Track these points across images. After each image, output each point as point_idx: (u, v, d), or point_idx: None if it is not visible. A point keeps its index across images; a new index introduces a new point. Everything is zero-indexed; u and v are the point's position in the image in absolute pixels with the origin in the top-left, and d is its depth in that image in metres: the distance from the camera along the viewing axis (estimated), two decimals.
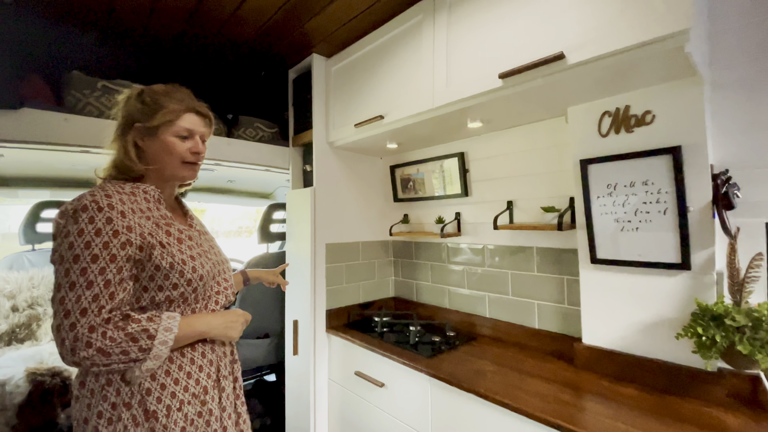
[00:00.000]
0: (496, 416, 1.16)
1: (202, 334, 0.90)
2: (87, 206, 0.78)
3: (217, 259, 1.01)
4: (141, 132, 0.91)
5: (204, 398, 0.91)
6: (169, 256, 0.85)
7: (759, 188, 1.06)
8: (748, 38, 1.07)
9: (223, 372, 0.98)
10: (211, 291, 0.97)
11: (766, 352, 0.92)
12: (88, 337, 0.74)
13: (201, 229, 1.05)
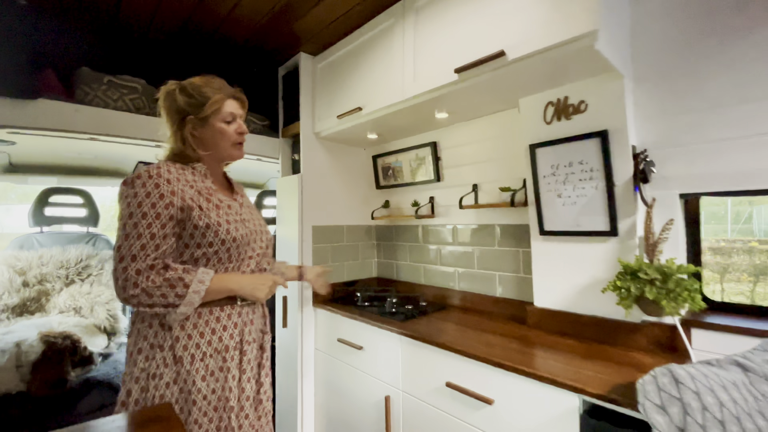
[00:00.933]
0: (454, 362, 1.35)
1: (231, 290, 1.02)
2: (141, 175, 0.96)
3: (254, 228, 1.12)
4: (195, 123, 1.05)
5: (225, 356, 1.01)
6: (205, 218, 0.99)
7: (670, 165, 1.25)
8: (664, 39, 1.26)
9: (247, 337, 1.07)
10: (245, 255, 1.08)
11: (670, 298, 1.11)
12: (135, 279, 0.90)
13: (244, 202, 1.19)
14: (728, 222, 6.09)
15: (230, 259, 1.05)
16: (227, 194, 1.14)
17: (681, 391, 0.85)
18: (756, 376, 0.93)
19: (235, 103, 1.10)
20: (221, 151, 1.10)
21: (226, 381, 1.01)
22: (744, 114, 1.11)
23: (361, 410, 1.72)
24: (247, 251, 1.09)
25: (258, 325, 1.14)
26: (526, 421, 1.13)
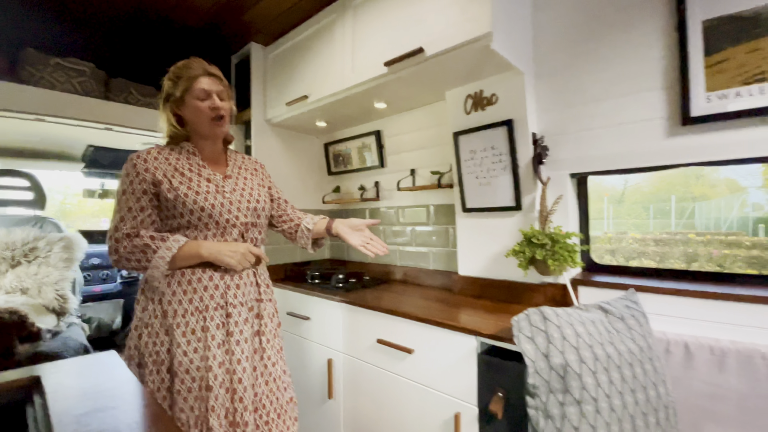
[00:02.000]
0: (383, 322, 1.53)
1: (201, 256, 1.09)
2: (129, 158, 1.12)
3: (235, 199, 1.18)
4: (174, 103, 1.15)
5: (205, 315, 1.10)
6: (174, 191, 1.09)
7: (562, 149, 1.49)
8: (557, 42, 1.50)
9: (232, 300, 1.14)
10: (225, 224, 1.15)
11: (554, 259, 1.35)
12: (115, 246, 1.07)
13: (237, 175, 1.25)
14: (672, 217, 6.67)
15: (208, 227, 1.13)
16: (217, 167, 1.24)
17: (547, 326, 1.07)
18: (613, 316, 1.18)
19: (208, 80, 1.14)
20: (201, 128, 1.17)
21: (207, 341, 1.08)
22: (612, 106, 1.36)
23: (308, 374, 1.88)
24: (228, 221, 1.16)
25: (248, 291, 1.19)
26: (439, 364, 1.33)
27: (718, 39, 1.16)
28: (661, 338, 1.21)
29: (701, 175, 8.20)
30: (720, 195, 7.33)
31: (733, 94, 1.14)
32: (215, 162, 1.24)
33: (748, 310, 1.14)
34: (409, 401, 1.42)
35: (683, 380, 1.17)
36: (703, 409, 1.14)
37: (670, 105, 1.24)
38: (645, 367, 1.08)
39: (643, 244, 6.13)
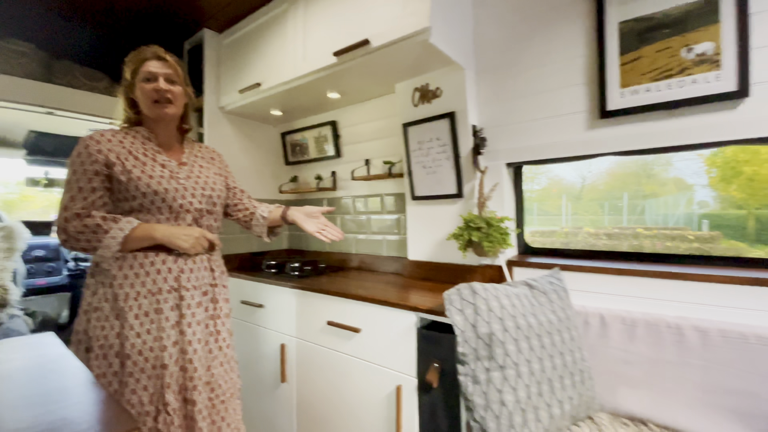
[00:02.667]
0: (333, 304, 1.58)
1: (153, 238, 1.10)
2: (81, 140, 1.11)
3: (190, 185, 1.20)
4: (128, 87, 1.17)
5: (158, 298, 1.11)
6: (126, 173, 1.10)
7: (498, 140, 1.60)
8: (496, 40, 1.60)
9: (185, 284, 1.15)
10: (178, 209, 1.16)
11: (489, 241, 1.45)
12: (64, 225, 1.06)
13: (193, 162, 1.27)
14: (624, 213, 7.15)
15: (161, 212, 1.14)
16: (172, 154, 1.24)
17: (475, 299, 1.16)
18: (537, 291, 1.29)
19: (157, 63, 1.15)
20: (147, 111, 1.17)
21: (161, 322, 1.10)
22: (543, 101, 1.48)
23: (262, 360, 1.90)
24: (182, 206, 1.17)
25: (201, 275, 1.21)
26: (383, 340, 1.40)
27: (631, 39, 1.29)
28: (580, 311, 1.34)
29: (652, 174, 8.83)
30: (669, 193, 7.92)
31: (643, 89, 1.28)
32: (171, 149, 1.26)
33: (657, 285, 1.29)
34: (356, 378, 1.49)
35: (599, 348, 1.30)
36: (616, 373, 1.27)
37: (591, 99, 1.37)
38: (563, 336, 1.19)
39: (596, 238, 6.56)
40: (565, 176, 4.34)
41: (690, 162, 6.25)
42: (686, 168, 6.91)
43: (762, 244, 5.82)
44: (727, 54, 1.15)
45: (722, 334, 1.12)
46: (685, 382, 1.15)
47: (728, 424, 1.08)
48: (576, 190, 8.61)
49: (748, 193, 6.03)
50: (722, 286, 1.18)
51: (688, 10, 1.19)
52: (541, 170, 8.00)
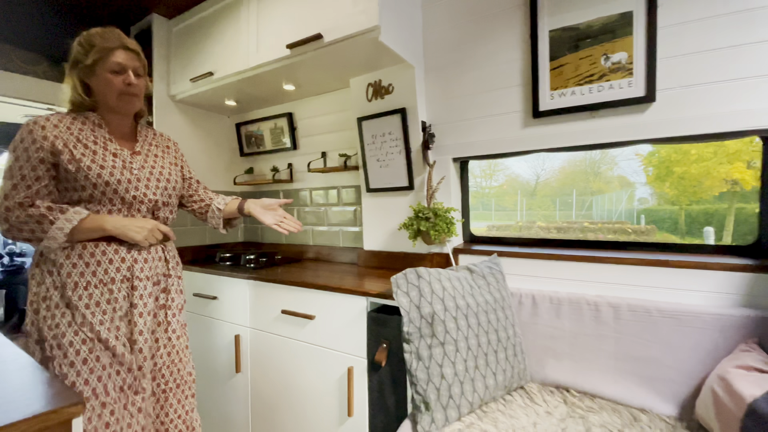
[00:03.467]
0: (288, 293, 1.62)
1: (104, 229, 1.07)
2: (23, 125, 1.06)
3: (143, 176, 1.17)
4: (83, 71, 1.09)
5: (111, 288, 1.08)
6: (75, 162, 1.05)
7: (446, 136, 1.70)
8: (443, 41, 1.69)
9: (138, 274, 1.14)
10: (131, 200, 1.14)
11: (435, 230, 1.55)
12: (5, 215, 1.02)
13: (148, 152, 1.23)
14: (573, 208, 7.51)
15: (113, 203, 1.11)
16: (125, 143, 1.19)
17: (420, 282, 1.25)
18: (477, 275, 1.40)
19: (125, 54, 1.11)
20: (109, 101, 1.12)
21: (114, 312, 1.09)
22: (485, 100, 1.59)
23: (216, 351, 1.89)
24: (136, 197, 1.15)
25: (155, 266, 1.20)
26: (337, 325, 1.46)
27: (560, 46, 1.43)
28: (515, 292, 1.48)
29: (599, 173, 9.42)
30: (613, 190, 8.53)
31: (569, 92, 1.42)
32: (123, 137, 1.21)
33: (581, 268, 1.44)
34: (309, 363, 1.54)
35: (530, 325, 1.44)
36: (545, 347, 1.42)
37: (526, 100, 1.50)
38: (498, 314, 1.32)
39: (547, 231, 6.99)
40: (521, 173, 4.53)
41: (632, 161, 6.67)
42: (628, 167, 7.27)
43: (690, 237, 6.46)
44: (638, 63, 1.31)
45: (630, 308, 1.29)
46: (601, 352, 1.32)
47: (635, 387, 1.25)
48: (531, 187, 8.95)
49: (679, 191, 6.65)
50: (633, 267, 1.35)
51: (606, 23, 1.34)
52: (499, 168, 8.15)
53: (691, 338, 1.19)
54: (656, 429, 1.09)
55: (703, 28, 1.21)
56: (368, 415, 1.39)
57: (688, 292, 1.26)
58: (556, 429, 1.11)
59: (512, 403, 1.26)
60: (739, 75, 1.17)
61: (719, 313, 1.16)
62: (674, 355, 1.20)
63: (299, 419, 1.58)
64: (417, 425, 1.12)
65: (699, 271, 1.24)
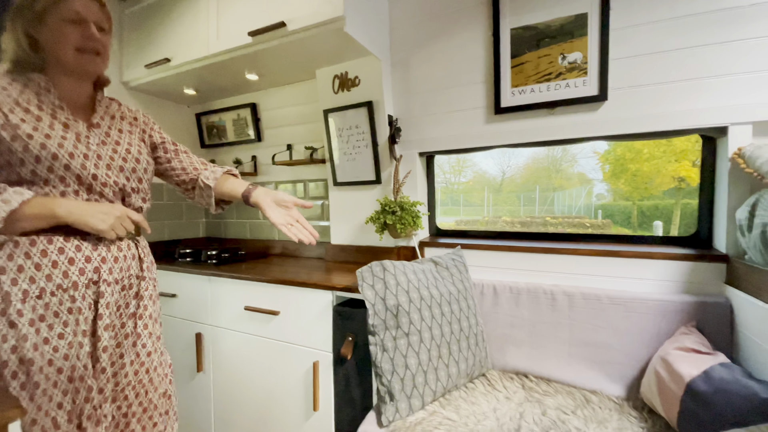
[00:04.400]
0: (251, 289, 1.57)
1: (56, 216, 0.85)
2: None
3: (104, 153, 0.95)
4: (30, 20, 0.87)
5: (73, 294, 0.87)
6: (11, 128, 0.83)
7: (411, 131, 1.71)
8: (409, 36, 1.69)
9: (106, 276, 0.93)
10: (94, 181, 0.92)
11: (401, 223, 1.56)
12: None
13: (107, 126, 0.99)
14: (536, 203, 7.85)
15: (65, 183, 0.88)
16: (79, 113, 0.96)
17: (385, 275, 1.25)
18: (441, 266, 1.42)
19: (85, 1, 0.90)
20: (62, 58, 0.90)
21: (77, 324, 0.87)
22: (449, 95, 1.62)
23: (177, 351, 1.82)
24: (97, 178, 0.93)
25: (126, 266, 0.98)
26: (302, 320, 1.45)
27: (520, 45, 1.47)
28: (477, 283, 1.52)
29: (560, 170, 9.80)
30: (573, 186, 8.92)
31: (529, 90, 1.47)
32: (78, 107, 0.97)
33: (539, 259, 1.50)
34: (274, 360, 1.51)
35: (492, 314, 1.49)
36: (505, 335, 1.47)
37: (488, 96, 1.53)
38: (461, 305, 1.35)
39: (512, 226, 7.27)
40: (488, 170, 4.66)
41: (590, 159, 6.91)
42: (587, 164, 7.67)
43: (642, 230, 6.82)
44: (592, 63, 1.37)
45: (584, 296, 1.36)
46: (556, 338, 1.38)
47: (587, 371, 1.33)
48: (497, 183, 9.30)
49: (632, 187, 7.01)
50: (587, 258, 1.42)
51: (564, 23, 1.39)
52: (467, 164, 8.30)
53: (637, 323, 1.27)
54: (606, 409, 1.16)
55: (651, 32, 1.29)
56: (334, 409, 1.39)
57: (636, 280, 1.35)
58: (515, 413, 1.15)
59: (474, 390, 1.30)
60: (682, 77, 1.26)
61: (662, 299, 1.25)
62: (622, 339, 1.28)
63: (264, 416, 1.55)
64: (381, 416, 1.13)
65: (645, 260, 1.33)
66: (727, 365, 0.94)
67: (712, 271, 1.25)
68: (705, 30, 1.22)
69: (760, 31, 1.15)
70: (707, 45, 1.22)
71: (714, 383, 0.90)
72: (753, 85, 1.17)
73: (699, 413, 0.90)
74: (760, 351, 1.00)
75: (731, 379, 0.87)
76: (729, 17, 1.19)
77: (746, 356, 1.07)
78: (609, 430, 1.06)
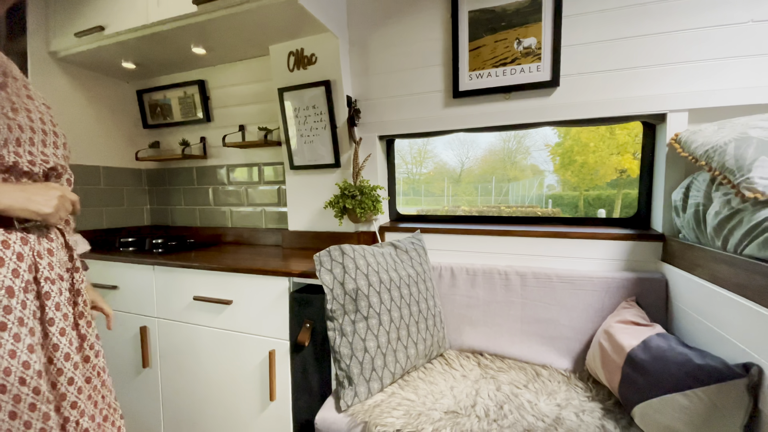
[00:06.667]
0: (200, 278, 1.48)
1: None
2: None
3: (23, 123, 0.76)
4: None
5: (8, 303, 0.71)
6: None
7: (371, 113, 1.68)
8: (367, 14, 1.64)
9: (47, 274, 0.77)
10: (18, 159, 0.73)
11: (361, 208, 1.53)
12: None
13: (14, 90, 0.77)
14: (492, 194, 8.13)
15: None
16: None
17: (344, 259, 1.22)
18: (401, 250, 1.41)
19: None
20: None
21: (19, 341, 0.70)
22: (408, 77, 1.60)
23: (119, 347, 1.69)
24: (20, 155, 0.74)
25: (60, 258, 0.82)
26: (257, 308, 1.38)
27: (478, 28, 1.47)
28: (436, 266, 1.53)
29: (515, 161, 10.17)
30: (527, 177, 9.30)
31: (486, 74, 1.48)
32: None
33: (494, 241, 1.53)
34: (227, 351, 1.44)
35: (449, 296, 1.51)
36: (462, 315, 1.50)
37: (446, 80, 1.53)
38: (419, 287, 1.35)
39: (469, 215, 7.44)
40: (448, 161, 4.77)
41: (542, 152, 7.30)
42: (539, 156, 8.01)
43: None
44: (545, 49, 1.40)
45: (535, 276, 1.41)
46: (509, 317, 1.43)
47: (538, 346, 1.39)
48: (456, 174, 9.51)
49: (579, 178, 7.44)
50: (538, 240, 1.47)
51: (519, 8, 1.41)
52: (428, 155, 8.46)
53: (583, 300, 1.34)
54: (555, 381, 1.22)
55: (600, 20, 1.33)
56: (291, 397, 1.35)
57: (582, 259, 1.42)
58: (471, 390, 1.18)
59: (432, 370, 1.31)
60: (627, 65, 1.32)
61: (606, 277, 1.33)
62: (570, 315, 1.35)
63: (217, 410, 1.48)
64: (340, 400, 1.11)
65: (591, 240, 1.40)
66: (663, 335, 1.01)
67: (649, 250, 1.34)
68: (648, 20, 1.28)
69: (696, 23, 1.23)
70: (649, 35, 1.28)
71: (651, 352, 0.96)
72: (690, 74, 1.25)
73: (638, 380, 0.96)
74: (692, 321, 1.09)
75: (667, 347, 0.94)
76: (670, 9, 1.25)
77: (680, 326, 1.17)
78: (558, 400, 1.11)
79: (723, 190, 0.99)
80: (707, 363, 0.85)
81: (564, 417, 1.02)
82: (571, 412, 1.04)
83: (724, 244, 0.96)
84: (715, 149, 1.00)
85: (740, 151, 0.92)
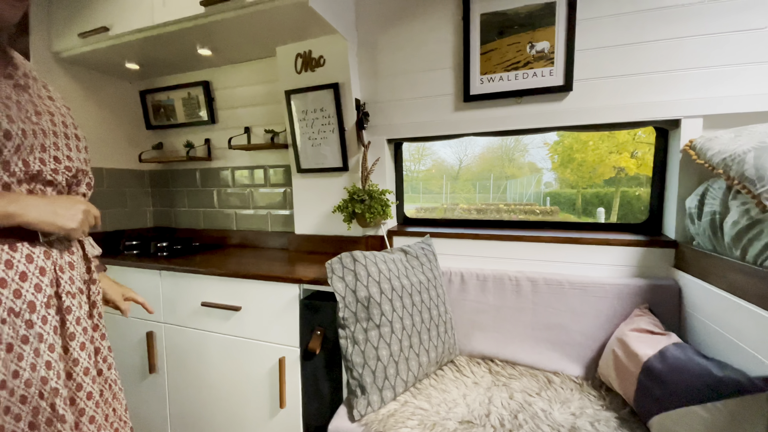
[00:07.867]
0: (208, 284, 1.47)
1: (9, 215, 0.65)
2: None
3: (47, 128, 0.73)
4: None
5: (30, 318, 0.69)
6: None
7: (380, 116, 1.66)
8: (376, 17, 1.62)
9: (69, 288, 0.76)
10: (43, 167, 0.71)
11: (370, 212, 1.52)
12: None
13: (31, 86, 0.76)
14: (491, 191, 8.17)
15: (6, 168, 0.66)
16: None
17: (356, 266, 1.21)
18: (411, 256, 1.40)
19: None
20: None
21: (38, 356, 0.69)
22: (417, 80, 1.58)
23: (126, 352, 1.67)
24: (47, 162, 0.72)
25: (82, 270, 0.82)
26: (266, 315, 1.37)
27: (489, 31, 1.45)
28: (445, 271, 1.52)
29: (512, 159, 10.20)
30: (524, 175, 9.33)
31: (497, 78, 1.46)
32: None
33: (504, 246, 1.52)
34: (236, 357, 1.43)
35: (459, 301, 1.50)
36: (472, 321, 1.49)
37: (457, 83, 1.51)
38: (430, 293, 1.34)
39: (468, 213, 7.47)
40: (446, 158, 4.79)
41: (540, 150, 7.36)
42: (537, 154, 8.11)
43: (585, 216, 7.35)
44: (558, 53, 1.39)
45: (546, 282, 1.40)
46: (520, 323, 1.42)
47: (549, 353, 1.38)
48: (454, 171, 9.48)
49: (578, 176, 7.47)
50: (548, 245, 1.47)
51: (532, 11, 1.39)
52: (426, 152, 8.52)
53: (594, 306, 1.33)
54: (567, 389, 1.22)
55: (614, 24, 1.32)
56: (302, 405, 1.34)
57: (593, 265, 1.41)
58: (484, 398, 1.17)
59: (443, 377, 1.30)
60: (641, 70, 1.31)
61: (617, 283, 1.32)
62: (580, 321, 1.34)
63: (225, 416, 1.47)
64: (353, 410, 1.10)
65: (603, 246, 1.39)
66: (680, 345, 1.01)
67: (661, 256, 1.33)
68: (663, 25, 1.27)
69: (713, 28, 1.22)
70: (664, 40, 1.27)
71: (669, 362, 0.96)
72: (705, 80, 1.24)
73: (655, 391, 0.95)
74: (708, 330, 1.08)
75: (685, 358, 0.94)
76: (686, 14, 1.24)
77: (694, 335, 1.16)
78: (572, 409, 1.10)
79: (741, 199, 0.98)
80: (727, 375, 0.85)
81: (579, 426, 1.02)
82: (586, 422, 1.04)
83: (743, 254, 0.95)
84: (734, 158, 0.99)
85: (761, 161, 0.91)
